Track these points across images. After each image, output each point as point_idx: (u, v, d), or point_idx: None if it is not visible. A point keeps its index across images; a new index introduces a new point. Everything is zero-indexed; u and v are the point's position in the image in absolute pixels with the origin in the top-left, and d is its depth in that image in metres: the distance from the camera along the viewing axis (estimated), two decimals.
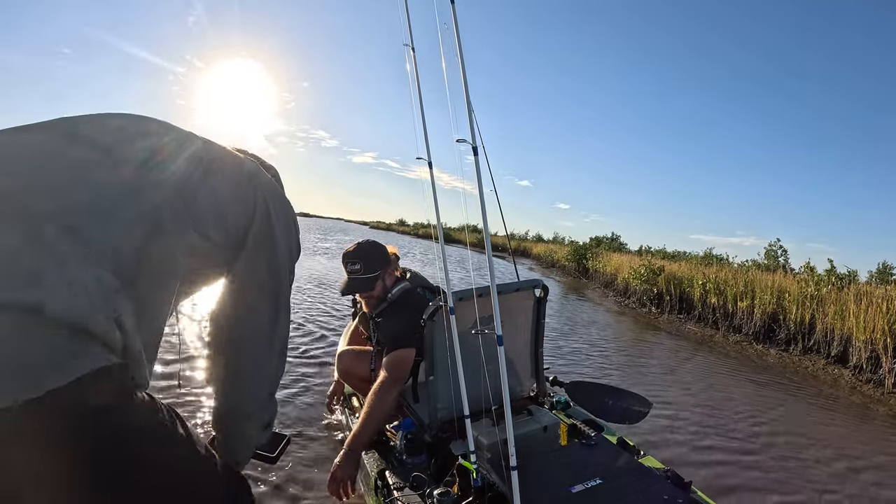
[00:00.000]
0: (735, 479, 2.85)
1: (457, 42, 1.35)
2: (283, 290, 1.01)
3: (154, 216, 0.78)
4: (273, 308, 1.00)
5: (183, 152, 0.89)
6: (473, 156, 1.38)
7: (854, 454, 3.45)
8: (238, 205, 0.95)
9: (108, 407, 0.63)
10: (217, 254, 0.93)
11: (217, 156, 0.97)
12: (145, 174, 0.81)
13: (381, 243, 2.22)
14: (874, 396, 5.17)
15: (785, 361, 6.60)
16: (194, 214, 0.85)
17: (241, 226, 0.95)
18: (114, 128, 0.86)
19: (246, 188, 0.97)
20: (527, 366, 2.20)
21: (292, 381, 3.54)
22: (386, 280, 2.13)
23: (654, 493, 1.44)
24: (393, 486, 1.68)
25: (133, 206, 0.76)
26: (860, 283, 7.62)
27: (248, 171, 1.00)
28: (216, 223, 0.89)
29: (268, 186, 1.02)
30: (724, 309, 8.49)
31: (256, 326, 0.99)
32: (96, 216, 0.71)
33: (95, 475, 0.63)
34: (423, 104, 1.86)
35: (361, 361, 2.26)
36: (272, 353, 1.01)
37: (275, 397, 1.07)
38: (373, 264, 2.08)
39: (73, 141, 0.78)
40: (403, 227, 68.74)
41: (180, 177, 0.85)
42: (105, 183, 0.76)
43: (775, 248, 13.20)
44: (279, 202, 1.02)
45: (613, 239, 25.48)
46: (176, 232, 0.82)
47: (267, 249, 0.98)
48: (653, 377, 5.04)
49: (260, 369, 1.00)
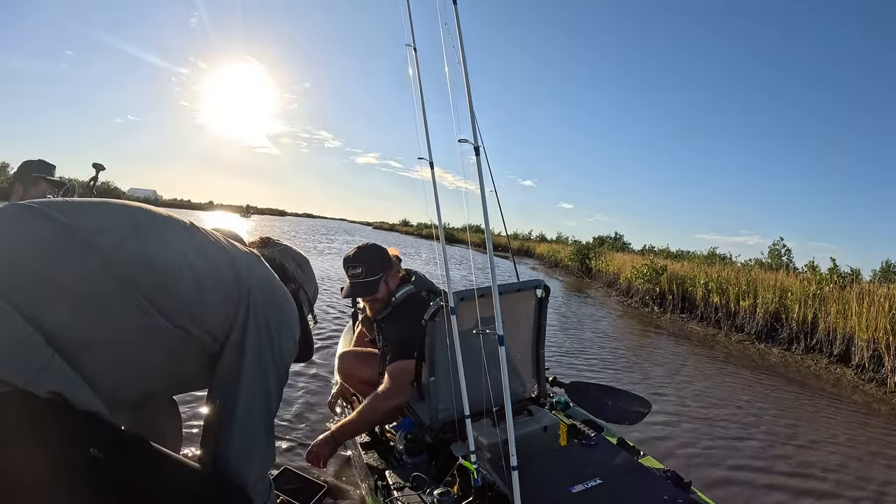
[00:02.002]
0: (736, 481, 2.86)
1: (459, 42, 1.35)
2: (239, 397, 0.98)
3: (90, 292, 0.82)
4: (229, 412, 0.98)
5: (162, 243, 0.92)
6: (475, 156, 1.38)
7: (856, 454, 3.44)
8: (218, 307, 0.95)
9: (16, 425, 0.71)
10: (205, 344, 0.94)
11: (207, 248, 0.98)
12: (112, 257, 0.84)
13: (382, 246, 2.19)
14: (876, 396, 5.16)
15: (787, 361, 6.58)
16: (164, 304, 0.87)
17: (220, 326, 0.96)
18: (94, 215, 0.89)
19: (230, 289, 0.97)
20: (528, 366, 2.20)
21: (293, 378, 3.55)
22: (389, 283, 2.09)
23: (653, 494, 1.44)
24: (393, 486, 1.68)
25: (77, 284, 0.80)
26: (863, 282, 7.60)
27: (236, 274, 0.98)
28: (189, 317, 0.90)
29: (257, 286, 1.01)
30: (727, 308, 8.48)
31: (219, 418, 1.00)
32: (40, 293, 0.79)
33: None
34: (424, 104, 1.86)
35: (363, 363, 2.25)
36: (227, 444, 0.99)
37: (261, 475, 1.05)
38: (374, 268, 2.04)
39: (44, 220, 0.83)
40: (407, 227, 68.69)
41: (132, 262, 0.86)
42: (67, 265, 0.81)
43: (779, 247, 13.18)
44: (266, 307, 1.01)
45: (617, 238, 25.46)
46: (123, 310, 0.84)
47: (239, 355, 0.97)
48: (654, 377, 5.04)
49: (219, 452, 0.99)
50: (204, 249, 0.97)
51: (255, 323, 0.98)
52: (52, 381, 0.74)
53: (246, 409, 0.98)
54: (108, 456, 0.76)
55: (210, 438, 0.99)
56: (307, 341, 1.20)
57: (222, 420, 0.98)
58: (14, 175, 2.37)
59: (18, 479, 0.71)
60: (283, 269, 1.17)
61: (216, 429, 0.99)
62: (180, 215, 1.02)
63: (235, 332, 0.96)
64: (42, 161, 2.37)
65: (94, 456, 0.74)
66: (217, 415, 0.99)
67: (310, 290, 1.26)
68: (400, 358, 1.93)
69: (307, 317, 1.24)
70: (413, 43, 1.86)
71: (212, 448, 0.99)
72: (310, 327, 1.24)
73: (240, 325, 0.97)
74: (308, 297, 1.25)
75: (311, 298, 1.27)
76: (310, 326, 1.24)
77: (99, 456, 0.75)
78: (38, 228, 0.82)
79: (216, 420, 0.99)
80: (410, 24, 1.85)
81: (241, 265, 1.01)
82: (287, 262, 1.20)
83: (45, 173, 2.32)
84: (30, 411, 0.72)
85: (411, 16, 1.84)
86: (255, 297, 0.99)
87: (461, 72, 1.37)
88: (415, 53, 1.87)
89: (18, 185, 2.31)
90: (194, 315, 0.91)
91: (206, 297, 0.93)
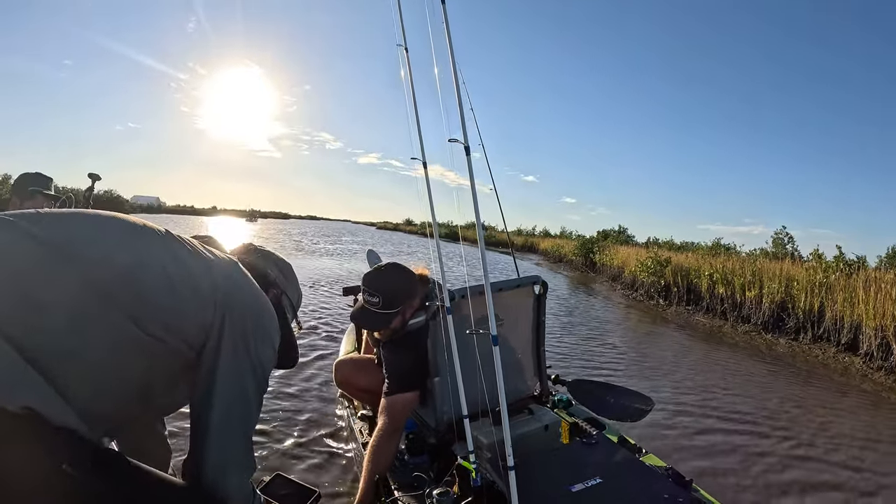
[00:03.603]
0: (742, 474, 2.84)
1: (448, 42, 1.34)
2: (215, 406, 0.97)
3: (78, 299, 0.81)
4: (206, 421, 0.97)
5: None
6: (466, 155, 1.38)
7: (863, 444, 3.42)
8: (193, 315, 0.94)
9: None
10: (181, 352, 0.93)
11: (182, 257, 0.96)
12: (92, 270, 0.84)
13: (409, 269, 1.93)
14: (885, 384, 5.11)
15: (795, 350, 6.54)
16: (138, 313, 0.86)
17: (195, 334, 0.95)
18: (75, 228, 0.89)
19: (206, 296, 0.95)
20: (529, 364, 2.19)
21: (283, 383, 3.56)
22: (406, 314, 1.84)
23: (654, 492, 1.43)
24: (393, 486, 1.68)
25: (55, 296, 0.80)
26: (869, 269, 7.53)
27: (212, 281, 0.98)
28: (164, 326, 0.89)
29: (234, 292, 1.00)
30: (732, 299, 8.43)
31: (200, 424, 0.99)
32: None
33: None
34: (416, 104, 1.85)
35: (360, 371, 2.23)
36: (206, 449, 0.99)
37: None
38: (394, 301, 1.79)
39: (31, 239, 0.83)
40: (410, 226, 68.64)
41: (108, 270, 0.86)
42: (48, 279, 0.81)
43: (782, 236, 13.09)
44: (243, 314, 1.00)
45: (620, 232, 25.37)
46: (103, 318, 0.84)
47: (214, 363, 0.96)
48: (657, 371, 5.02)
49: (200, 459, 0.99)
50: (180, 257, 0.96)
51: (230, 330, 0.97)
52: (26, 395, 0.73)
53: (222, 417, 0.97)
54: (82, 473, 0.75)
55: (190, 449, 0.99)
56: (290, 348, 1.19)
57: (199, 430, 0.97)
58: (11, 188, 2.38)
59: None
60: (264, 275, 1.16)
61: (194, 438, 0.98)
62: (156, 223, 1.01)
63: (211, 340, 0.95)
64: (39, 174, 2.38)
65: (68, 473, 0.73)
66: (195, 425, 0.98)
67: (293, 296, 1.24)
68: (398, 391, 1.80)
69: (290, 323, 1.23)
70: (404, 43, 1.86)
71: (191, 459, 0.98)
72: (293, 334, 1.23)
73: (215, 332, 0.95)
74: (291, 303, 1.23)
75: (295, 304, 1.25)
76: (293, 333, 1.23)
77: (73, 473, 0.73)
78: (8, 240, 0.80)
79: (194, 430, 0.98)
80: (402, 25, 1.85)
81: (218, 272, 1.00)
82: (269, 269, 1.19)
83: (41, 187, 2.33)
84: (1, 427, 0.71)
85: (402, 16, 1.84)
86: (232, 304, 0.98)
87: (452, 71, 1.37)
88: (406, 54, 1.86)
89: (15, 198, 2.32)
90: (169, 324, 0.90)
91: (181, 306, 0.92)
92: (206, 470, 0.97)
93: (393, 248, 22.35)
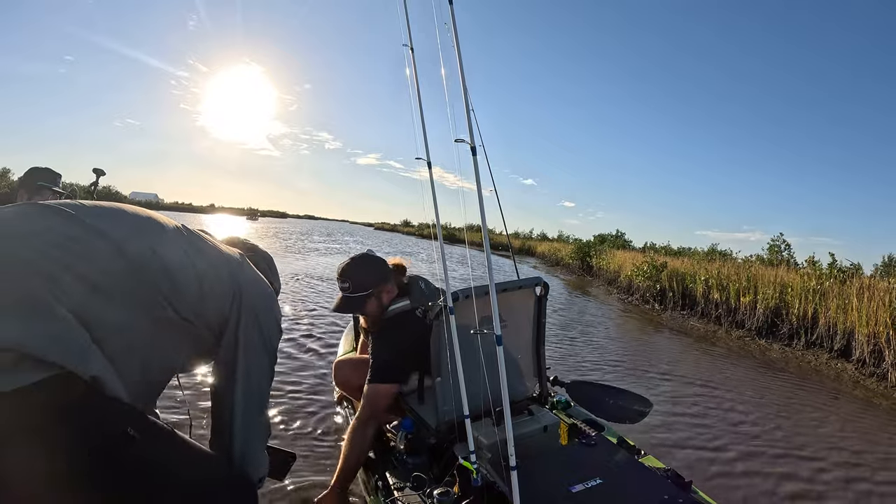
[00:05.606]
0: (737, 479, 2.86)
1: (455, 42, 1.34)
2: (238, 379, 1.12)
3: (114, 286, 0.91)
4: (230, 394, 1.13)
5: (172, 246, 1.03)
6: (472, 156, 1.38)
7: (855, 450, 3.44)
8: (215, 302, 1.07)
9: (68, 406, 0.77)
10: (202, 335, 1.07)
11: (205, 250, 1.10)
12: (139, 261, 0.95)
13: (380, 257, 2.05)
14: (877, 391, 5.16)
15: (788, 356, 6.58)
16: (174, 299, 0.98)
17: (216, 319, 1.08)
18: (126, 221, 1.00)
19: (225, 287, 1.09)
20: (529, 365, 2.20)
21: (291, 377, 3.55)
22: (382, 298, 1.95)
23: (653, 493, 1.44)
24: (393, 486, 1.69)
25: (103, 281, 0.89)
26: (864, 276, 7.59)
27: (231, 273, 1.12)
28: (194, 312, 1.02)
29: (247, 284, 1.15)
30: (727, 304, 8.48)
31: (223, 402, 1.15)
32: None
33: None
34: (422, 104, 1.86)
35: (358, 371, 2.21)
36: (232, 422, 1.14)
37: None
38: (363, 283, 1.91)
39: (80, 225, 0.93)
40: (408, 227, 68.61)
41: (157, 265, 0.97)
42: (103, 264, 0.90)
43: (778, 243, 13.15)
44: (255, 301, 1.15)
45: (618, 236, 25.42)
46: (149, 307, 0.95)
47: (235, 343, 1.11)
48: (653, 375, 5.04)
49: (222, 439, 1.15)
50: (201, 250, 1.08)
51: (247, 315, 1.11)
52: (95, 365, 0.81)
53: (246, 394, 1.13)
54: (143, 437, 0.83)
55: (215, 426, 1.14)
56: None
57: (225, 408, 1.12)
58: (19, 181, 2.36)
59: (61, 461, 0.75)
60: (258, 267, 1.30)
61: (220, 416, 1.13)
62: (168, 218, 1.11)
63: (230, 327, 1.09)
64: (48, 169, 2.36)
65: (132, 435, 0.81)
66: (219, 403, 1.14)
67: (277, 286, 1.41)
68: (378, 381, 1.85)
69: None
70: (410, 43, 1.86)
71: (217, 434, 1.14)
72: None
73: (234, 317, 1.10)
74: (277, 292, 1.39)
75: (278, 292, 1.42)
76: None
77: (136, 436, 0.82)
78: (63, 224, 0.89)
79: (219, 408, 1.14)
80: (407, 25, 1.85)
81: (234, 265, 1.14)
82: (259, 261, 1.33)
83: (49, 182, 2.32)
84: (74, 394, 0.77)
85: (408, 16, 1.84)
86: (247, 293, 1.12)
87: (458, 71, 1.37)
88: (412, 53, 1.87)
89: (23, 190, 2.30)
90: (198, 310, 1.02)
91: (206, 294, 1.04)
92: (234, 443, 1.13)
93: (392, 248, 22.32)
